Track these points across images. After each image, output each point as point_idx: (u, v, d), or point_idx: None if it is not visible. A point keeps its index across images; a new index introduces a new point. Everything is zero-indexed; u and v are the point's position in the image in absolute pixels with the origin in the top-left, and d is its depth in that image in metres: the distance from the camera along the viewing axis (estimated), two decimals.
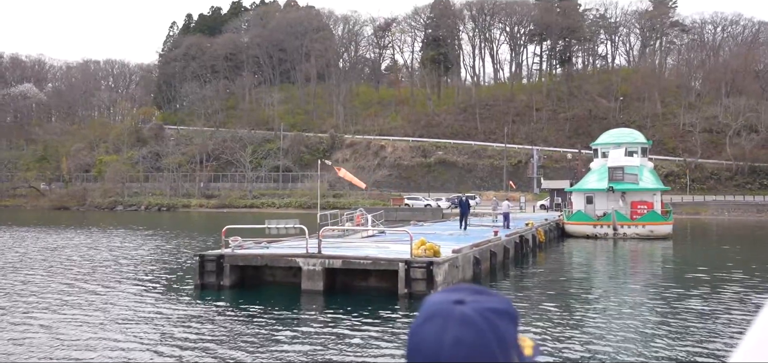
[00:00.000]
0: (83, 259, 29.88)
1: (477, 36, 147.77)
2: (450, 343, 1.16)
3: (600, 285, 23.46)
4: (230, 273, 18.93)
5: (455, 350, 1.15)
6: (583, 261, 32.88)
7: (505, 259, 26.42)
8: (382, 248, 19.98)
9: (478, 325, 1.18)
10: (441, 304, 1.23)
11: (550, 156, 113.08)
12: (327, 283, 18.04)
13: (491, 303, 1.23)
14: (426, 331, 1.20)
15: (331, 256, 18.10)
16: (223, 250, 19.96)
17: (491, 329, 1.18)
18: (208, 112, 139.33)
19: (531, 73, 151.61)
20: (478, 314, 1.19)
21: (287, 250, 19.62)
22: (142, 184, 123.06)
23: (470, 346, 1.16)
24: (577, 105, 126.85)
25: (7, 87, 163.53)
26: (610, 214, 43.03)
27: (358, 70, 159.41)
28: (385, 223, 37.27)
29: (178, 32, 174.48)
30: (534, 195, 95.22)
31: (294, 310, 16.59)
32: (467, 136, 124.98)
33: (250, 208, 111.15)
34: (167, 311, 16.70)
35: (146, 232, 53.06)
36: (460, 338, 1.16)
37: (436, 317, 1.20)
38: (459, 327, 1.18)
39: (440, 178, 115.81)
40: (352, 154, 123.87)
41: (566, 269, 28.30)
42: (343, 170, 19.75)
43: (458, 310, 1.20)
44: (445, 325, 1.18)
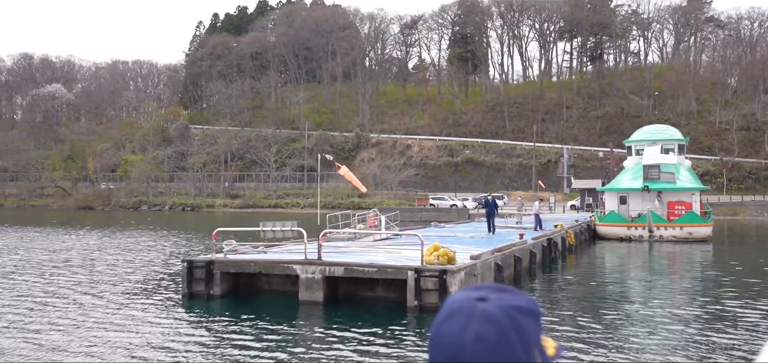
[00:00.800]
0: (79, 263, 28.24)
1: (505, 33, 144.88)
2: (471, 340, 1.16)
3: (635, 293, 21.21)
4: (221, 281, 17.09)
5: (477, 347, 1.15)
6: (617, 266, 30.53)
7: (531, 264, 24.19)
8: (393, 254, 17.92)
9: (501, 323, 1.17)
10: (463, 301, 1.22)
11: (580, 155, 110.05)
12: (328, 292, 16.11)
13: (515, 301, 1.22)
14: (448, 327, 1.19)
15: (332, 263, 16.13)
16: (213, 255, 18.01)
17: (514, 327, 1.17)
18: (234, 112, 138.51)
19: (561, 70, 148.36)
20: (501, 311, 1.19)
21: (284, 256, 17.69)
22: (167, 184, 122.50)
23: (492, 344, 1.15)
24: (609, 103, 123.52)
25: (36, 88, 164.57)
26: (646, 215, 40.45)
27: (384, 69, 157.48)
28: (401, 224, 35.16)
29: (205, 32, 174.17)
30: (564, 195, 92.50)
31: (287, 324, 14.67)
32: (495, 135, 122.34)
33: (275, 208, 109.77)
34: (147, 323, 14.88)
35: (163, 233, 51.68)
36: (482, 335, 1.16)
37: (459, 314, 1.20)
38: (481, 324, 1.17)
39: (467, 177, 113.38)
40: (378, 154, 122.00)
41: (598, 275, 26.03)
42: (344, 169, 17.74)
43: (481, 307, 1.19)
44: (468, 322, 1.18)
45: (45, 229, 56.10)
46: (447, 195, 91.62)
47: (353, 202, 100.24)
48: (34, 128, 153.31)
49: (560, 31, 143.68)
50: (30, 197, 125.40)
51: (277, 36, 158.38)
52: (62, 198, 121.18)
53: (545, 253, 26.85)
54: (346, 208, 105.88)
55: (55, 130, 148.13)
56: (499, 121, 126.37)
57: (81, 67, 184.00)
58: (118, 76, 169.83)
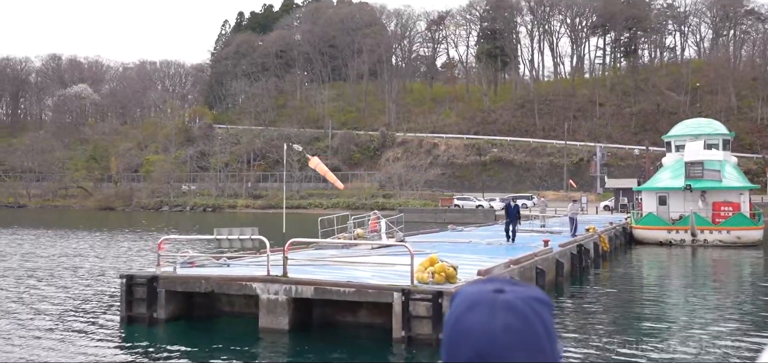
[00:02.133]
0: (36, 273, 24.92)
1: (535, 28, 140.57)
2: (501, 330, 1.15)
3: (678, 310, 17.68)
4: (167, 302, 13.81)
5: (507, 338, 1.14)
6: (656, 275, 26.89)
7: (557, 276, 20.59)
8: (385, 267, 14.54)
9: (525, 313, 1.17)
10: (481, 293, 1.21)
11: (614, 153, 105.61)
12: (295, 317, 12.88)
13: (531, 292, 1.23)
14: (473, 319, 1.17)
15: (299, 281, 12.79)
16: (158, 269, 14.64)
17: (536, 316, 1.18)
18: (257, 111, 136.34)
19: (593, 67, 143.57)
20: (522, 302, 1.19)
21: (241, 272, 14.43)
22: (189, 185, 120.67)
23: (520, 333, 1.15)
24: (644, 99, 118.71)
25: (63, 88, 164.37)
26: (688, 217, 36.50)
27: (411, 67, 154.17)
28: (417, 226, 31.71)
29: (230, 31, 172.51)
30: (597, 195, 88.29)
31: (240, 358, 11.45)
32: (525, 133, 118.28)
33: (297, 208, 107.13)
34: (69, 354, 11.76)
35: (169, 235, 48.84)
36: (510, 325, 1.15)
37: (481, 305, 1.18)
38: (507, 314, 1.16)
39: (496, 177, 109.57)
40: (404, 153, 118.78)
41: (635, 288, 22.44)
42: (315, 160, 14.55)
43: (502, 298, 1.19)
44: (493, 312, 1.17)
45: (48, 231, 53.71)
46: (473, 195, 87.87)
47: (377, 203, 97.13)
48: (61, 129, 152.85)
49: (593, 26, 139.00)
50: (53, 198, 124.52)
51: (302, 34, 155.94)
52: (84, 198, 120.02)
53: (575, 262, 23.19)
54: (370, 208, 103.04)
55: (79, 130, 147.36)
56: (529, 118, 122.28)
57: (108, 68, 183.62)
58: (146, 77, 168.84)
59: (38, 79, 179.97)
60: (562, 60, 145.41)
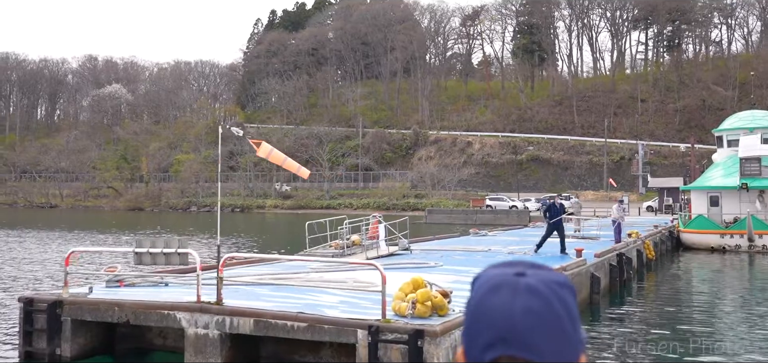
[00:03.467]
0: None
1: (574, 23, 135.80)
2: (521, 312, 1.14)
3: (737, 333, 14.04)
4: (73, 334, 10.55)
5: (528, 320, 1.13)
6: (710, 289, 23.17)
7: (592, 294, 16.93)
8: (364, 288, 11.20)
9: (546, 296, 1.16)
10: (503, 275, 1.20)
11: (657, 151, 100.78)
12: (232, 356, 9.73)
13: (552, 276, 1.21)
14: (494, 301, 1.16)
15: (236, 311, 9.48)
16: (64, 291, 11.04)
17: (558, 300, 1.17)
18: (288, 109, 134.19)
19: (634, 62, 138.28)
20: (543, 285, 1.17)
21: (165, 297, 10.89)
22: (214, 185, 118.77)
23: (541, 316, 1.14)
24: (689, 94, 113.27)
25: (97, 89, 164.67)
26: (744, 220, 32.46)
27: (446, 65, 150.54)
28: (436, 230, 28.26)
29: (263, 29, 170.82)
30: (639, 195, 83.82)
31: None
32: (563, 131, 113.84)
33: (327, 208, 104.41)
34: None
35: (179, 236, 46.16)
36: (531, 307, 1.14)
37: (503, 287, 1.17)
38: (528, 296, 1.15)
39: (532, 176, 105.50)
40: (437, 152, 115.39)
41: (685, 303, 18.89)
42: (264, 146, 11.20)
43: (523, 281, 1.18)
44: (514, 294, 1.16)
45: (53, 232, 51.51)
46: (508, 195, 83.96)
47: (409, 203, 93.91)
48: (94, 129, 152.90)
49: (634, 20, 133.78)
50: (85, 198, 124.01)
51: (334, 31, 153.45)
52: (115, 199, 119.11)
53: (614, 276, 19.57)
54: (401, 209, 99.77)
55: (112, 130, 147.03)
56: (568, 115, 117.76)
57: (143, 68, 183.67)
58: (180, 77, 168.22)
59: (75, 79, 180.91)
60: (602, 55, 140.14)
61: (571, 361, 1.15)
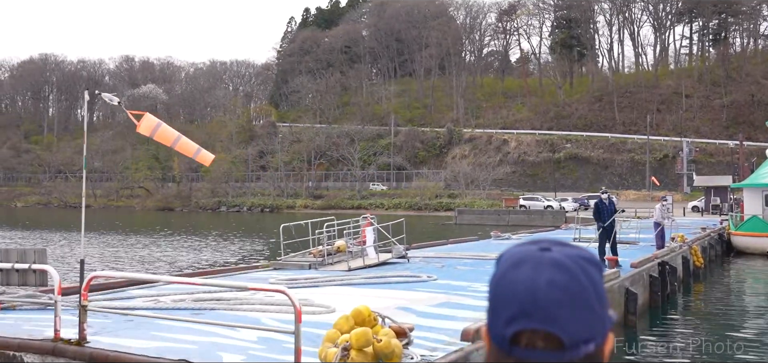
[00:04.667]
0: None
1: (615, 16, 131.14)
2: (545, 286, 1.11)
3: None
4: None
5: (552, 293, 1.10)
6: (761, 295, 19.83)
7: (627, 314, 13.67)
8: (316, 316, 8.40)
9: (572, 270, 1.13)
10: (527, 251, 1.17)
11: (703, 148, 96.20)
12: None
13: (578, 251, 1.18)
14: (517, 275, 1.13)
15: (99, 356, 6.54)
16: None
17: (584, 274, 1.14)
18: (321, 108, 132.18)
19: (678, 57, 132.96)
20: (569, 260, 1.15)
21: (25, 328, 7.71)
22: (244, 185, 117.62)
23: (566, 290, 1.11)
24: (736, 89, 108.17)
25: (131, 88, 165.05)
26: None
27: (483, 62, 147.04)
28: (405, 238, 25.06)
29: (296, 28, 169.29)
30: (683, 195, 79.58)
31: None
32: (603, 128, 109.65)
33: (358, 209, 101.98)
34: None
35: (187, 240, 44.23)
36: (555, 281, 1.11)
37: (526, 262, 1.15)
38: (553, 270, 1.13)
39: (571, 175, 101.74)
40: (472, 150, 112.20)
41: (741, 324, 15.70)
42: (148, 120, 8.42)
43: (548, 255, 1.15)
44: (538, 268, 1.13)
45: (60, 232, 49.94)
46: (543, 195, 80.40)
47: (442, 203, 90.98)
48: (129, 129, 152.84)
49: (678, 13, 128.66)
50: (117, 198, 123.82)
51: (368, 28, 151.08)
52: (146, 199, 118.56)
53: (655, 289, 16.29)
54: (433, 209, 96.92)
55: None
56: (608, 112, 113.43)
57: (179, 68, 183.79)
58: (216, 76, 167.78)
59: (111, 80, 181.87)
60: (644, 50, 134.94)
61: (596, 337, 1.12)
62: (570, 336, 1.09)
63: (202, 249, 37.94)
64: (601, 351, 1.13)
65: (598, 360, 1.12)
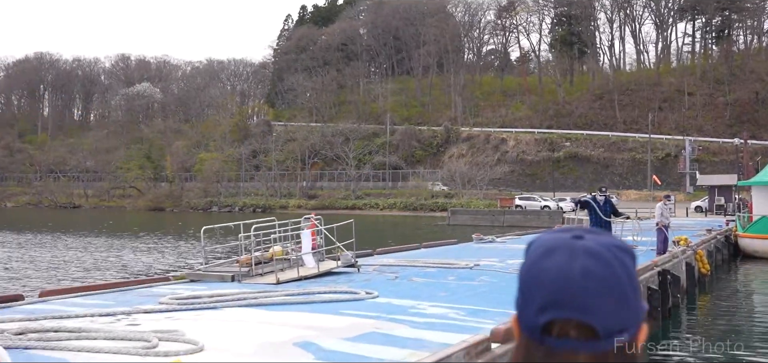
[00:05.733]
0: None
1: (616, 13, 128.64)
2: (579, 274, 1.07)
3: None
4: None
5: (586, 281, 1.07)
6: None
7: None
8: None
9: (606, 258, 1.09)
10: (559, 238, 1.14)
11: (706, 147, 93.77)
12: None
13: (611, 240, 1.14)
14: (550, 262, 1.10)
15: None
16: None
17: (619, 263, 1.10)
18: (316, 106, 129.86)
19: (681, 54, 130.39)
20: (603, 248, 1.11)
21: None
22: (237, 184, 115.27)
23: (601, 278, 1.08)
24: (740, 87, 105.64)
25: (126, 87, 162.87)
26: None
27: (480, 59, 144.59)
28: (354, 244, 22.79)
29: (293, 26, 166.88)
30: (686, 194, 77.07)
31: None
32: (603, 127, 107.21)
33: (352, 209, 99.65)
34: None
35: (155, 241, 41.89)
36: (590, 269, 1.08)
37: (559, 250, 1.11)
38: (586, 258, 1.09)
39: (571, 174, 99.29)
40: (469, 149, 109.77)
41: (756, 342, 13.23)
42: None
43: (581, 244, 1.11)
44: (572, 255, 1.09)
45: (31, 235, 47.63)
46: (541, 195, 77.91)
47: (438, 204, 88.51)
48: (121, 127, 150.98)
49: (680, 10, 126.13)
50: (109, 198, 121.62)
51: (365, 26, 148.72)
52: (138, 198, 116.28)
53: (654, 303, 13.61)
54: (429, 209, 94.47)
55: (138, 128, 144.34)
56: (609, 110, 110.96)
57: (176, 67, 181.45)
58: (213, 75, 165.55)
59: (107, 79, 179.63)
60: (646, 47, 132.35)
61: (630, 327, 1.08)
62: (604, 326, 1.05)
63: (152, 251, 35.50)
64: (634, 341, 1.09)
65: (632, 350, 1.09)
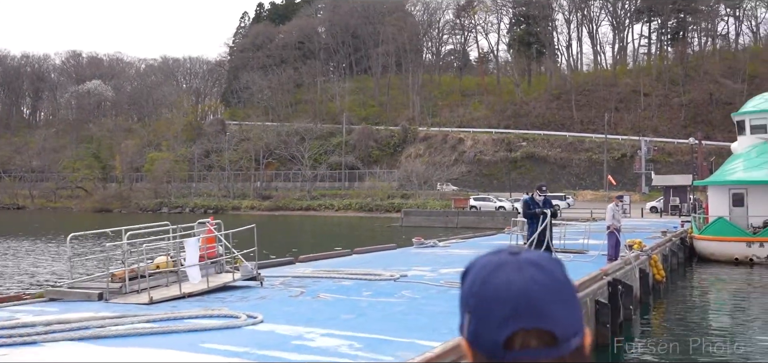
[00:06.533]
0: None
1: (573, 14, 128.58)
2: (533, 284, 1.12)
3: None
4: None
5: (539, 291, 1.11)
6: (739, 321, 16.02)
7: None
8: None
9: (549, 267, 1.15)
10: (499, 257, 1.18)
11: (661, 148, 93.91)
12: None
13: (543, 253, 1.21)
14: (501, 278, 1.13)
15: None
16: None
17: (559, 270, 1.17)
18: (272, 105, 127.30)
19: (637, 55, 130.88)
20: (541, 259, 1.17)
21: None
22: (189, 185, 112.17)
23: (549, 286, 1.13)
24: (695, 88, 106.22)
25: (77, 85, 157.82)
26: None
27: (440, 59, 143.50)
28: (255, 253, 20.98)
29: (250, 23, 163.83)
30: (641, 195, 76.69)
31: None
32: (561, 127, 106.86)
33: (307, 210, 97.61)
34: None
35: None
36: (539, 279, 1.13)
37: (505, 265, 1.15)
38: (533, 269, 1.14)
39: (528, 174, 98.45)
40: (427, 149, 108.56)
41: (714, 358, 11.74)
42: None
43: (523, 257, 1.17)
44: (520, 269, 1.14)
45: None
46: (498, 195, 76.85)
47: (394, 205, 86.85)
48: (69, 126, 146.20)
49: (636, 12, 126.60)
50: (55, 199, 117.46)
51: (323, 24, 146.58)
52: (85, 200, 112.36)
53: (603, 319, 11.79)
54: (384, 210, 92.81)
55: (86, 127, 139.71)
56: (566, 111, 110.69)
57: (129, 64, 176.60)
58: (169, 73, 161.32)
59: (57, 76, 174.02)
60: (603, 48, 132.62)
61: (580, 330, 1.13)
62: (562, 331, 1.09)
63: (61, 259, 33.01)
64: (584, 343, 1.14)
65: (583, 352, 1.13)
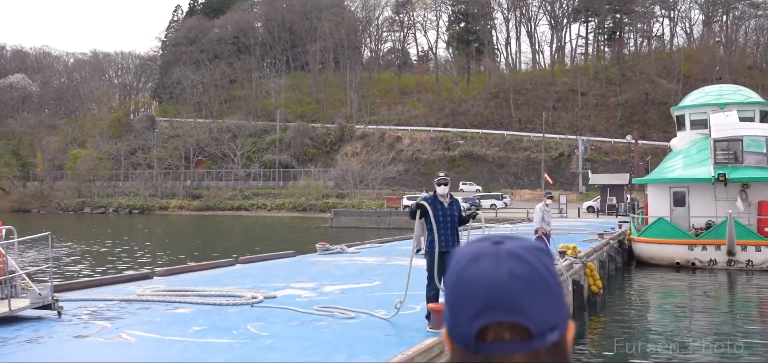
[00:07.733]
0: None
1: (512, 13, 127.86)
2: (507, 276, 1.10)
3: None
4: None
5: (514, 284, 1.10)
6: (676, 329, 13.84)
7: None
8: None
9: (529, 259, 1.13)
10: (481, 247, 1.16)
11: (598, 147, 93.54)
12: None
13: (530, 243, 1.18)
14: (476, 270, 1.12)
15: None
16: None
17: (541, 263, 1.14)
18: (205, 102, 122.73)
19: (575, 55, 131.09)
20: (524, 250, 1.14)
21: None
22: (115, 183, 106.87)
23: (528, 279, 1.11)
24: (631, 88, 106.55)
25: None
26: (721, 226, 23.49)
27: (380, 57, 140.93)
28: (51, 259, 18.00)
29: (183, 16, 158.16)
30: (579, 194, 75.71)
31: None
32: (499, 126, 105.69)
33: (239, 209, 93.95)
34: None
35: None
36: (516, 271, 1.11)
37: (483, 257, 1.14)
38: (511, 261, 1.12)
39: (467, 173, 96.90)
40: (364, 148, 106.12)
41: None
42: None
43: (504, 248, 1.14)
44: (497, 260, 1.12)
45: None
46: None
47: (328, 204, 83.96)
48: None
49: (574, 12, 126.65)
50: None
51: (259, 18, 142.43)
52: (1, 198, 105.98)
53: None
54: (319, 210, 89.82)
55: (6, 123, 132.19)
56: (504, 110, 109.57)
57: (58, 59, 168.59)
58: (99, 68, 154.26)
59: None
60: (541, 48, 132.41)
61: (560, 324, 1.12)
62: (536, 325, 1.08)
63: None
64: (564, 338, 1.12)
65: (563, 347, 1.12)
